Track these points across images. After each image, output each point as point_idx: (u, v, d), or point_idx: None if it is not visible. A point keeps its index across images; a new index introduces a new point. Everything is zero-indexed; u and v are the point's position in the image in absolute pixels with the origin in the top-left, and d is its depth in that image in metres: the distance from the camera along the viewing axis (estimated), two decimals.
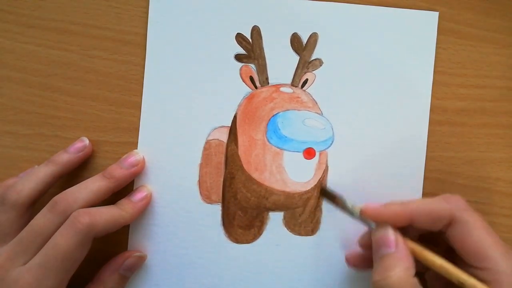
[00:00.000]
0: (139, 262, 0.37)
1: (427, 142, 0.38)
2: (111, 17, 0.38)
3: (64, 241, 0.31)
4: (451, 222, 0.32)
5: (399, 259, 0.31)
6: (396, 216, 0.32)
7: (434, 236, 0.33)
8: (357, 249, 0.36)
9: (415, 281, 0.30)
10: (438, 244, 0.33)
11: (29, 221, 0.33)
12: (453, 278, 0.30)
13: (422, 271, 0.31)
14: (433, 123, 0.38)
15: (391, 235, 0.32)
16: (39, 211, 0.33)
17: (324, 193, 0.38)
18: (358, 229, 0.35)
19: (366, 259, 0.36)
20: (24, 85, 0.39)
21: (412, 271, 0.31)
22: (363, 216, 0.33)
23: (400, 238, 0.32)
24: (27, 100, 0.39)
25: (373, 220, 0.33)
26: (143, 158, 0.38)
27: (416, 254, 0.32)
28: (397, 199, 0.35)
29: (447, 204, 0.32)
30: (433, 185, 0.38)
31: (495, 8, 0.38)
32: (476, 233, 0.31)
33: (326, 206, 0.38)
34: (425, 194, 0.38)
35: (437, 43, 0.38)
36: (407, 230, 0.33)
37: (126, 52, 0.38)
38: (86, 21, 0.38)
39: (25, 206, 0.34)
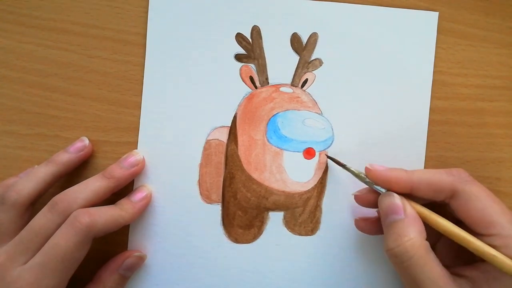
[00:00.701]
0: (139, 262, 0.37)
1: (427, 142, 0.38)
2: (111, 17, 0.38)
3: (64, 241, 0.31)
4: (453, 194, 0.32)
5: (410, 224, 0.31)
6: (398, 181, 0.33)
7: (440, 208, 0.34)
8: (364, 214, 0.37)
9: (427, 244, 0.31)
10: (445, 216, 0.33)
11: (29, 221, 0.33)
12: (458, 239, 0.31)
13: (432, 242, 0.31)
14: (433, 123, 0.38)
15: (398, 201, 0.32)
16: (39, 211, 0.33)
17: (331, 159, 0.38)
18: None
19: (374, 223, 0.36)
20: (24, 85, 0.39)
21: (424, 234, 0.31)
22: (368, 176, 0.34)
23: (407, 204, 0.32)
24: (27, 100, 0.39)
25: (375, 181, 0.34)
26: (143, 158, 0.38)
27: (424, 217, 0.32)
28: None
29: (449, 176, 0.32)
30: None
31: (495, 8, 0.38)
32: (480, 202, 0.31)
33: (326, 206, 0.38)
34: None
35: (437, 43, 0.38)
36: (412, 199, 0.33)
37: (126, 52, 0.38)
38: (86, 21, 0.38)
39: (25, 206, 0.34)
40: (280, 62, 0.38)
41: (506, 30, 0.38)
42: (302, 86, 0.38)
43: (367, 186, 0.35)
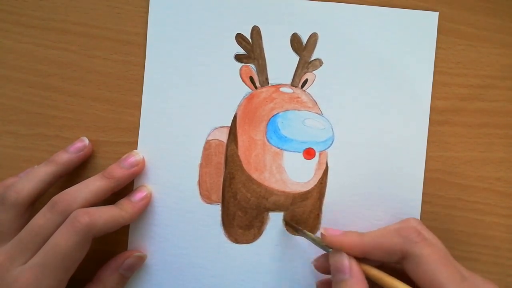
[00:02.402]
0: (139, 262, 0.37)
1: (427, 142, 0.38)
2: (111, 17, 0.38)
3: (64, 240, 0.31)
4: (404, 256, 0.31)
5: (352, 285, 0.31)
6: (352, 246, 0.32)
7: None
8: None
9: None
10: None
11: (29, 220, 0.33)
12: None
13: None
14: (433, 123, 0.38)
15: (345, 261, 0.32)
16: (39, 211, 0.33)
17: (288, 224, 0.38)
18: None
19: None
20: (24, 85, 0.39)
21: None
22: (323, 241, 0.34)
23: (354, 264, 0.32)
24: (27, 100, 0.39)
25: (330, 246, 0.33)
26: (143, 158, 0.38)
27: (376, 279, 0.32)
28: (397, 199, 0.36)
29: (399, 238, 0.32)
30: (433, 185, 0.38)
31: (495, 8, 0.38)
32: (430, 267, 0.30)
33: (326, 206, 0.38)
34: (425, 194, 0.38)
35: (437, 43, 0.38)
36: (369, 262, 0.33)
37: (126, 52, 0.38)
38: (86, 21, 0.38)
39: (24, 206, 0.34)
40: (280, 62, 0.38)
41: (506, 30, 0.38)
42: (302, 86, 0.38)
43: (323, 254, 0.35)
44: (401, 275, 0.31)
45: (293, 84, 0.38)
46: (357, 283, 0.31)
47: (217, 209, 0.38)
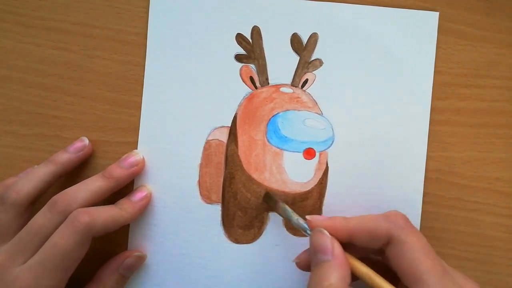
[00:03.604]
0: (139, 262, 0.37)
1: (427, 142, 0.38)
2: (111, 17, 0.38)
3: (63, 240, 0.31)
4: (389, 241, 0.31)
5: (335, 268, 0.30)
6: (337, 230, 0.32)
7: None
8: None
9: None
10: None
11: (28, 220, 0.33)
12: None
13: None
14: (433, 123, 0.38)
15: (327, 241, 0.31)
16: (39, 211, 0.33)
17: (267, 198, 0.37)
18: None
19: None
20: (24, 85, 0.39)
21: (348, 280, 0.30)
22: (309, 227, 0.33)
23: (337, 246, 0.31)
24: (27, 100, 0.39)
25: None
26: (143, 158, 0.38)
27: (359, 273, 0.31)
28: (397, 199, 0.36)
29: (386, 223, 0.31)
30: (433, 185, 0.38)
31: (495, 8, 0.38)
32: (413, 255, 0.30)
33: (326, 206, 0.38)
34: (425, 194, 0.38)
35: (437, 43, 0.38)
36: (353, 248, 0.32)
37: (126, 52, 0.38)
38: (86, 21, 0.38)
39: (24, 206, 0.34)
40: (280, 63, 0.38)
41: (506, 30, 0.38)
42: (302, 86, 0.38)
43: (305, 251, 0.34)
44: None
45: (293, 84, 0.38)
46: (339, 266, 0.30)
47: (217, 209, 0.38)
